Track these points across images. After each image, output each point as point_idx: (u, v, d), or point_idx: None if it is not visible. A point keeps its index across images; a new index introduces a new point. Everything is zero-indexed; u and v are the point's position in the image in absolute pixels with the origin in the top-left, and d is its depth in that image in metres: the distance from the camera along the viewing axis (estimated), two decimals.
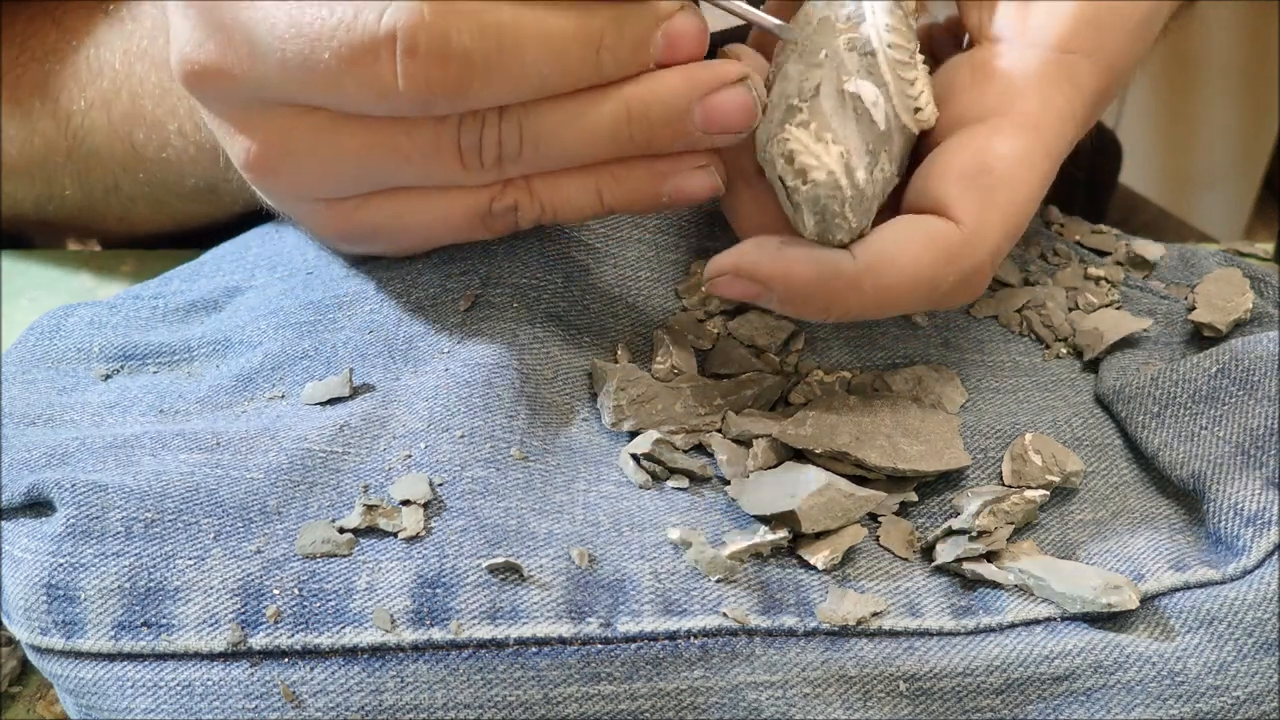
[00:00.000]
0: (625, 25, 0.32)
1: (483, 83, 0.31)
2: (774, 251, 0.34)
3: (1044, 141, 0.35)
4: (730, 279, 0.35)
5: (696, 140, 0.33)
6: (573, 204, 0.35)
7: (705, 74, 0.33)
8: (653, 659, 0.30)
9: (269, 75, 0.31)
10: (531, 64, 0.31)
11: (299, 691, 0.30)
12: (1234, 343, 0.38)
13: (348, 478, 0.33)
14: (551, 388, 0.37)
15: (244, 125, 0.34)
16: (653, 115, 0.32)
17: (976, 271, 0.35)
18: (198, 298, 0.42)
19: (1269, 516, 0.33)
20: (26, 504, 0.33)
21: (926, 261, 0.34)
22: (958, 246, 0.34)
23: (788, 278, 0.34)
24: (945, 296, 0.35)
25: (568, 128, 0.32)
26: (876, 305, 0.34)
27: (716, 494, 0.35)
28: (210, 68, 0.32)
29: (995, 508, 0.34)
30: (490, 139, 0.32)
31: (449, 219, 0.35)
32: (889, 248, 0.34)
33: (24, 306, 0.49)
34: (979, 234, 0.34)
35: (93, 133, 0.50)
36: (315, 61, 0.30)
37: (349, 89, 0.31)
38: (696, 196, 0.35)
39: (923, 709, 0.31)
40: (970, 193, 0.34)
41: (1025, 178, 0.35)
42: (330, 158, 0.33)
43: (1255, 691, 0.31)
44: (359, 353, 0.37)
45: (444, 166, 0.33)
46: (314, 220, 0.37)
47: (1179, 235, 0.77)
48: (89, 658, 0.31)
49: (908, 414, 0.37)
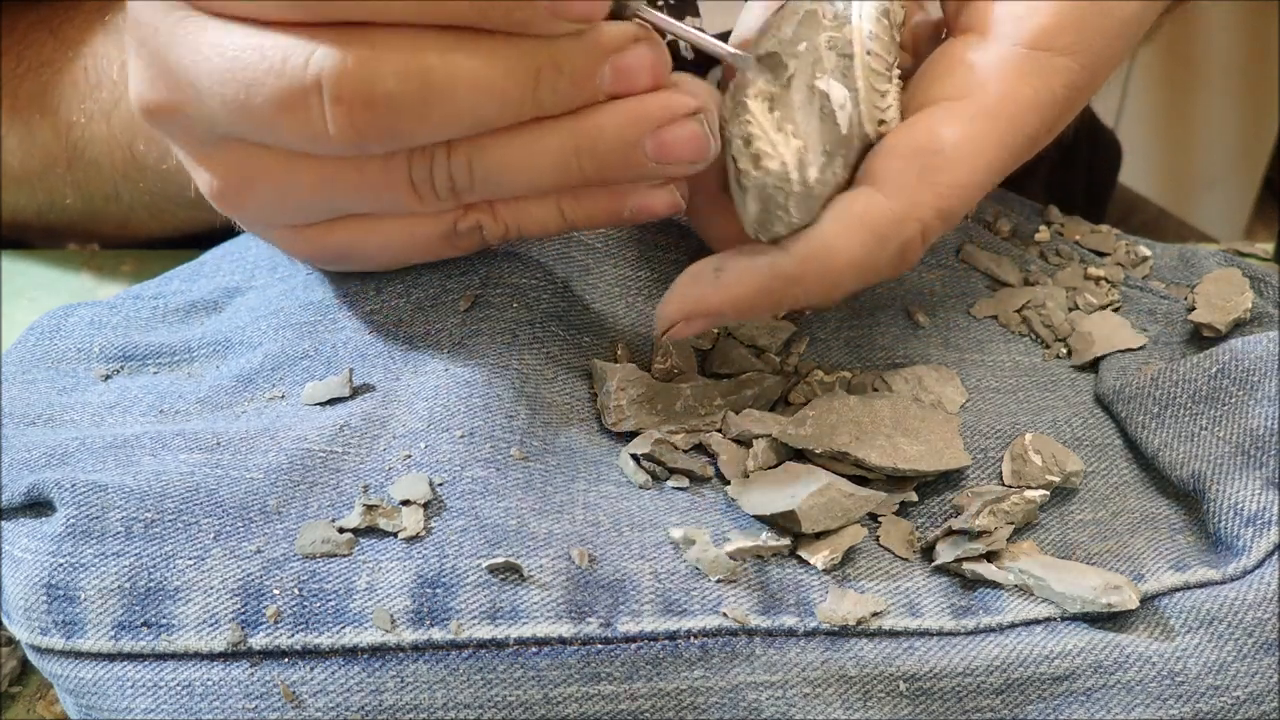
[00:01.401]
0: (565, 60, 0.31)
1: (413, 124, 0.30)
2: (712, 280, 0.34)
3: (998, 130, 0.35)
4: (684, 325, 0.34)
5: (649, 171, 0.33)
6: (536, 221, 0.35)
7: (655, 108, 0.32)
8: (653, 659, 0.30)
9: (214, 115, 0.32)
10: (464, 103, 0.30)
11: (299, 691, 0.30)
12: (1234, 343, 0.38)
13: (348, 478, 0.33)
14: (551, 388, 0.37)
15: (203, 159, 0.34)
16: (600, 149, 0.32)
17: (908, 248, 0.34)
18: (198, 298, 0.42)
19: (1269, 516, 0.33)
20: (26, 504, 0.33)
21: (860, 247, 0.33)
22: (888, 225, 0.33)
23: (735, 301, 0.34)
24: (881, 272, 0.35)
25: (517, 161, 0.32)
26: (821, 294, 0.34)
27: (716, 494, 0.35)
28: (164, 106, 0.33)
29: (995, 508, 0.34)
30: (441, 174, 0.32)
31: (414, 242, 0.35)
32: (825, 239, 0.34)
33: (24, 306, 0.49)
34: (910, 212, 0.33)
35: (93, 143, 0.50)
36: (250, 105, 0.30)
37: (284, 132, 0.31)
38: (659, 213, 0.35)
39: (923, 709, 0.31)
40: (909, 171, 0.34)
41: (969, 162, 0.34)
42: (288, 190, 0.33)
43: (1255, 691, 0.31)
44: (359, 353, 0.37)
45: (399, 198, 0.33)
46: (285, 244, 0.37)
47: (1179, 235, 0.77)
48: (89, 658, 0.31)
49: (908, 414, 0.37)
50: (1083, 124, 0.72)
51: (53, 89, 0.50)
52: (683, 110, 0.32)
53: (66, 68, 0.50)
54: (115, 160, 0.50)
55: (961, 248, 0.45)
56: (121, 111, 0.49)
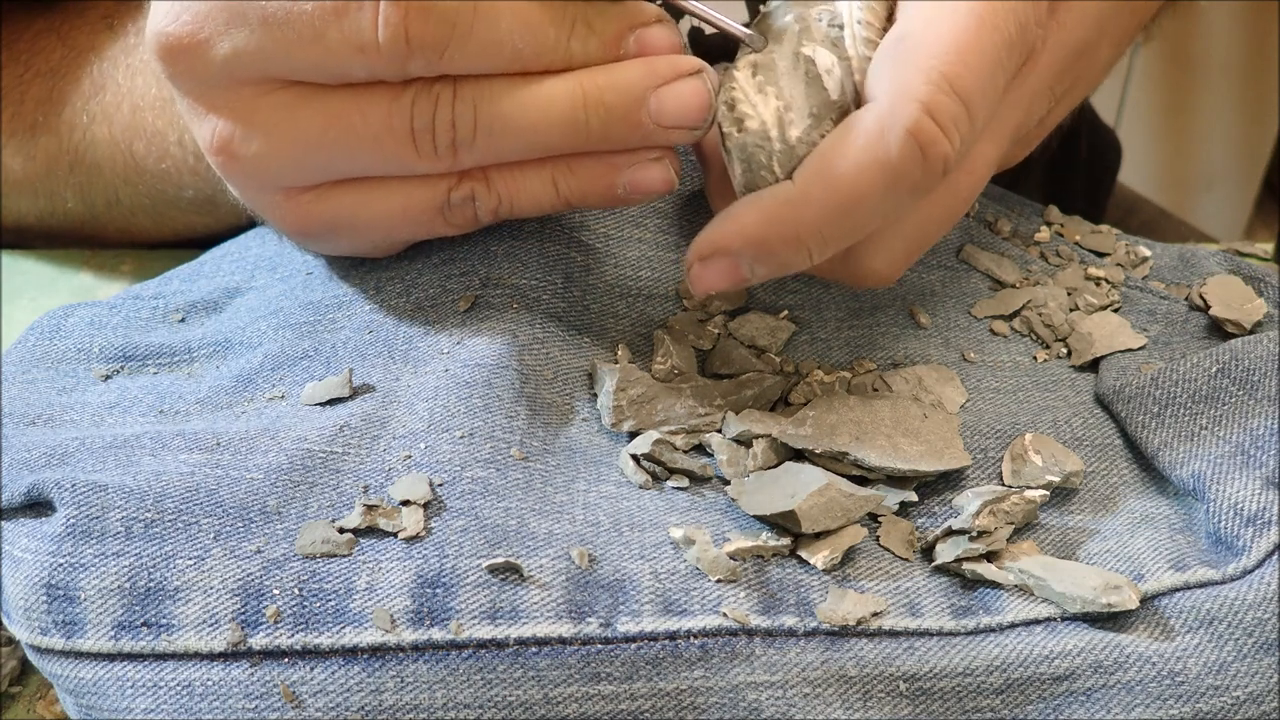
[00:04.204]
0: (601, 19, 0.33)
1: (459, 43, 0.31)
2: (718, 221, 0.34)
3: (978, 10, 0.32)
4: (699, 266, 0.34)
5: (651, 134, 0.34)
6: (529, 194, 0.35)
7: (662, 64, 0.33)
8: (653, 659, 0.30)
9: (246, 40, 0.32)
10: (508, 32, 0.32)
11: (299, 691, 0.30)
12: (1234, 343, 0.38)
13: (348, 478, 0.33)
14: (551, 388, 0.37)
15: (210, 104, 0.34)
16: (608, 100, 0.33)
17: (916, 132, 0.31)
18: (198, 298, 0.42)
19: (1269, 516, 0.33)
20: (26, 504, 0.33)
21: (859, 143, 0.32)
22: (882, 116, 0.32)
23: (741, 231, 0.33)
24: (904, 174, 0.32)
25: (522, 110, 0.33)
26: (839, 210, 0.32)
27: (716, 494, 0.35)
28: (184, 39, 0.33)
29: (995, 508, 0.34)
30: (443, 119, 0.33)
31: (407, 210, 0.35)
32: (820, 151, 0.33)
33: (24, 306, 0.49)
34: (900, 96, 0.31)
35: (95, 146, 0.50)
36: (298, 14, 0.31)
37: (329, 41, 0.31)
38: (652, 189, 0.35)
39: (923, 709, 0.31)
40: (884, 67, 0.33)
41: (943, 32, 0.32)
42: (290, 139, 0.34)
43: (1255, 691, 0.31)
44: (359, 353, 0.37)
45: (398, 150, 0.33)
46: (276, 211, 0.37)
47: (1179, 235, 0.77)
48: (89, 658, 0.31)
49: (908, 414, 0.37)
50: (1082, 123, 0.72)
51: (59, 95, 0.50)
52: (687, 68, 0.33)
53: (73, 74, 0.50)
54: (116, 164, 0.50)
55: (962, 248, 0.45)
56: (124, 113, 0.49)
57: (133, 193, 0.51)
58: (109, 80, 0.49)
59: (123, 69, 0.49)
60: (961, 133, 0.32)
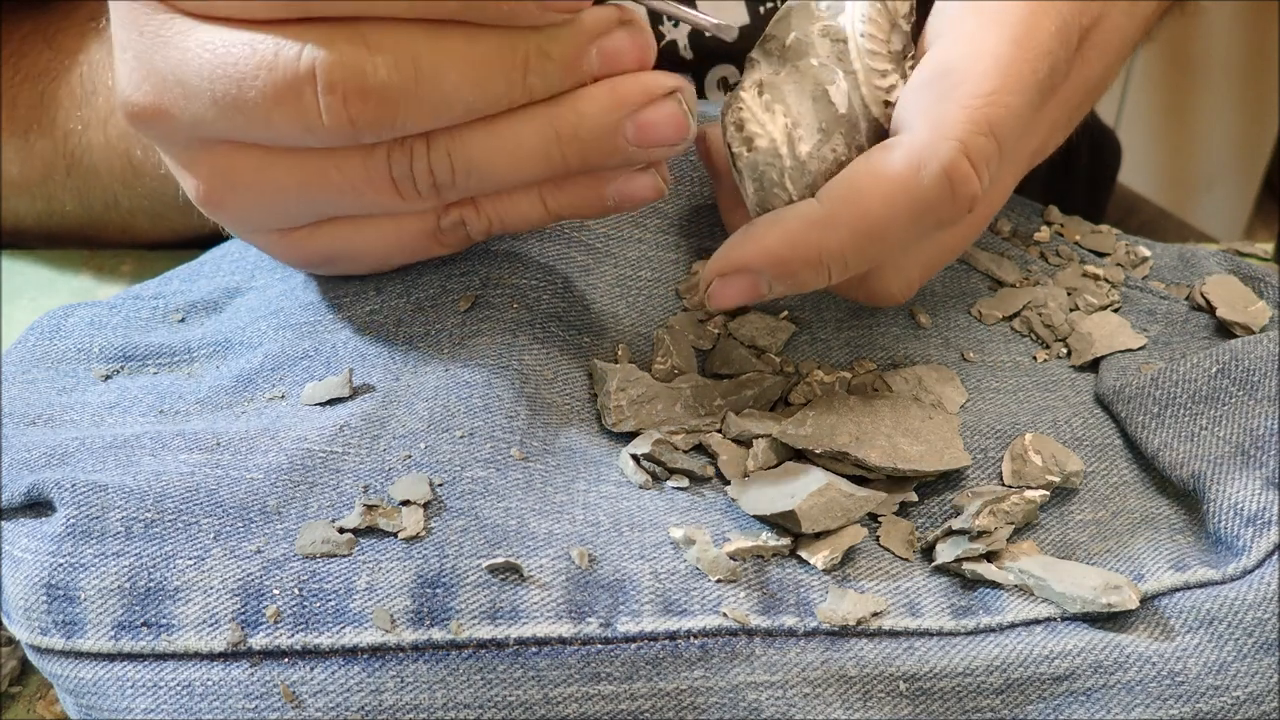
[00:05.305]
0: (552, 46, 0.31)
1: (406, 114, 0.31)
2: (740, 237, 0.34)
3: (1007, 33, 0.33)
4: (719, 283, 0.34)
5: (632, 155, 0.33)
6: (518, 213, 0.35)
7: (634, 89, 0.32)
8: (653, 659, 0.30)
9: (202, 113, 0.32)
10: (455, 90, 0.31)
11: (299, 691, 0.30)
12: (1234, 343, 0.38)
13: (348, 478, 0.33)
14: (551, 388, 0.37)
15: (188, 163, 0.34)
16: (582, 135, 0.32)
17: (954, 173, 0.32)
18: (198, 298, 0.42)
19: (1269, 516, 0.33)
20: (26, 504, 0.33)
21: (891, 172, 0.32)
22: (919, 149, 0.32)
23: (766, 252, 0.33)
24: (933, 208, 0.32)
25: (497, 153, 0.32)
26: (864, 236, 0.33)
27: (716, 494, 0.35)
28: (149, 108, 0.33)
29: (995, 508, 0.34)
30: (421, 169, 0.32)
31: (400, 241, 0.35)
32: (851, 177, 0.33)
33: (24, 306, 0.49)
34: (938, 131, 0.32)
35: (90, 150, 0.50)
36: (242, 100, 0.31)
37: (276, 124, 0.31)
38: (641, 198, 0.35)
39: (923, 709, 0.31)
40: (925, 99, 0.33)
41: (983, 67, 0.33)
42: (271, 192, 0.34)
43: (1255, 691, 0.31)
44: (359, 353, 0.37)
45: (381, 196, 0.33)
46: (272, 249, 0.37)
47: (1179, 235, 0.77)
48: (89, 658, 0.31)
49: (908, 414, 0.37)
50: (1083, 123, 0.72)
51: (50, 98, 0.50)
52: (660, 91, 0.32)
53: (63, 77, 0.50)
54: (114, 167, 0.50)
55: None
56: (117, 118, 0.49)
57: (131, 195, 0.51)
58: (99, 85, 0.49)
59: (112, 73, 0.49)
60: (991, 172, 0.33)
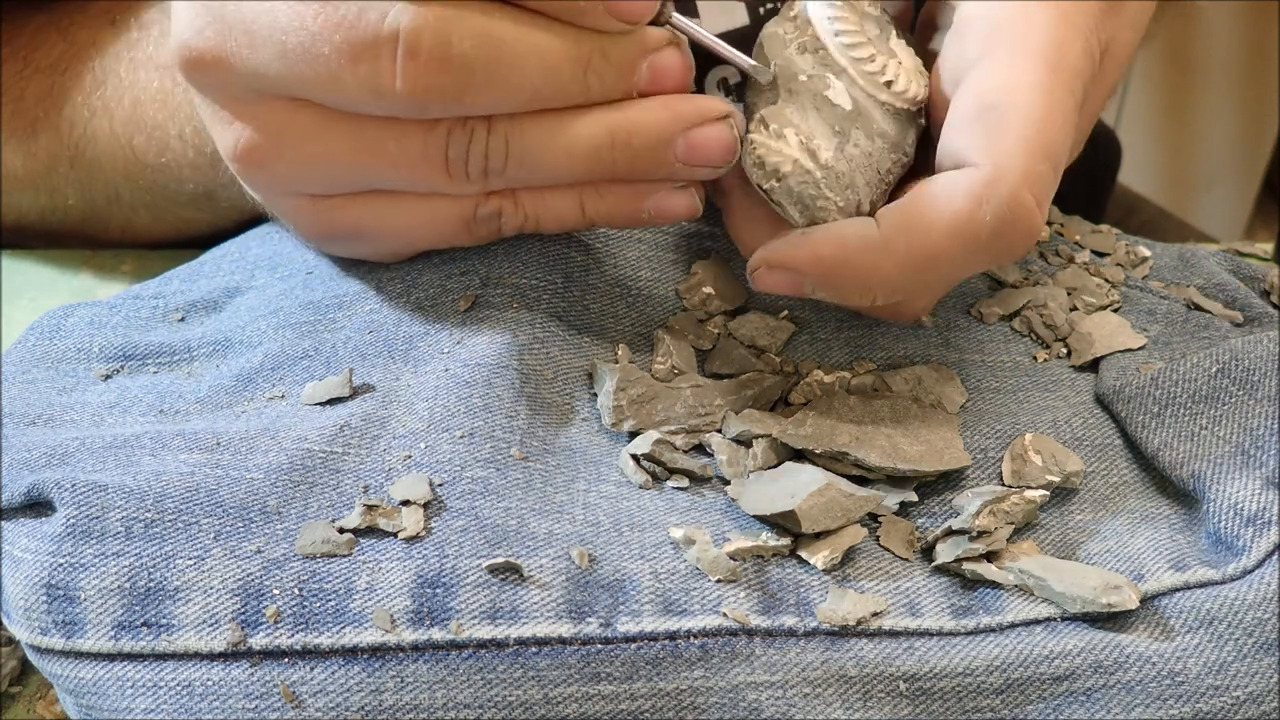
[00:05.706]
0: (613, 50, 0.32)
1: (478, 90, 0.31)
2: (799, 237, 0.35)
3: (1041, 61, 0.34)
4: (765, 271, 0.35)
5: (676, 171, 0.34)
6: (555, 214, 0.35)
7: (689, 108, 0.33)
8: (653, 659, 0.30)
9: (267, 66, 0.32)
10: (525, 76, 0.32)
11: (299, 691, 0.30)
12: (1234, 343, 0.38)
13: (348, 478, 0.33)
14: (551, 388, 0.37)
15: (239, 114, 0.34)
16: (635, 143, 0.33)
17: (1013, 205, 0.32)
18: (198, 298, 0.42)
19: (1269, 516, 0.33)
20: (26, 504, 0.33)
21: (953, 207, 0.33)
22: (982, 185, 0.32)
23: (817, 259, 0.34)
24: (992, 243, 0.33)
25: (552, 146, 0.33)
26: (916, 266, 0.33)
27: (716, 494, 0.35)
28: (208, 55, 0.33)
29: (995, 508, 0.34)
30: (477, 151, 0.33)
31: (433, 223, 0.35)
32: (912, 202, 0.33)
33: (24, 306, 0.49)
34: (1001, 166, 0.32)
35: (95, 141, 0.50)
36: (315, 55, 0.31)
37: (346, 85, 0.31)
38: (677, 216, 0.36)
39: (923, 709, 0.31)
40: (978, 132, 0.33)
41: (1027, 99, 0.33)
42: (320, 155, 0.34)
43: (1255, 691, 0.31)
44: (359, 353, 0.37)
45: (430, 175, 0.34)
46: (297, 216, 0.37)
47: (1179, 235, 0.77)
48: (89, 658, 0.31)
49: (908, 414, 0.37)
50: None
51: (59, 90, 0.50)
52: (714, 113, 0.34)
53: (74, 69, 0.50)
54: (116, 159, 0.50)
55: None
56: (124, 106, 0.49)
57: (133, 188, 0.51)
58: (110, 75, 0.49)
59: (125, 63, 0.49)
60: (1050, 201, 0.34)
